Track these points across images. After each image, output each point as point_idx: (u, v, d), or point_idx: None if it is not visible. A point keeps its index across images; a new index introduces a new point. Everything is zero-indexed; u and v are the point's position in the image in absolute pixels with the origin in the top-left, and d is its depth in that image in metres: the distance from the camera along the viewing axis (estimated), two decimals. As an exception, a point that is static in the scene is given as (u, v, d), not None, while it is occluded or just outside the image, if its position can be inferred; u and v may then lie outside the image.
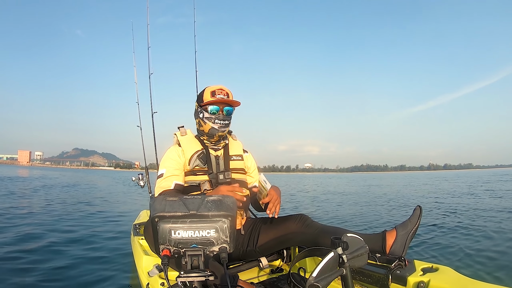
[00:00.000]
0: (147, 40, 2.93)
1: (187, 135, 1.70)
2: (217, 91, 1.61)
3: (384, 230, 1.45)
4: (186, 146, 1.64)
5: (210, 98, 1.60)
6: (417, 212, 1.42)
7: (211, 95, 1.60)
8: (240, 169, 1.69)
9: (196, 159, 1.60)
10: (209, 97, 1.60)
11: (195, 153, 1.61)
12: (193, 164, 1.59)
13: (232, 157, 1.69)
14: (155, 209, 0.84)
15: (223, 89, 1.63)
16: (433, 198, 8.98)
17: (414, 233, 1.39)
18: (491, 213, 5.60)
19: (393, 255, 1.38)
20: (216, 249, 0.85)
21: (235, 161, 1.69)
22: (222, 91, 1.62)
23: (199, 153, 1.61)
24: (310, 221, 1.58)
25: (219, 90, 1.61)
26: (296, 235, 1.54)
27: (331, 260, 0.92)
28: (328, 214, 6.09)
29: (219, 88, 1.62)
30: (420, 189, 13.55)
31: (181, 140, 1.66)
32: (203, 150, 1.63)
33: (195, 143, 1.66)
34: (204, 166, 1.60)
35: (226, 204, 0.86)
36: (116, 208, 6.60)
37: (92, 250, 3.04)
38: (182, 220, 0.83)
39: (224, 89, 1.63)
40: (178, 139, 1.68)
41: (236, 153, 1.72)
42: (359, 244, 1.02)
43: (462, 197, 8.87)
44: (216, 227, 0.84)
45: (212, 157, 1.63)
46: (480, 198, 8.36)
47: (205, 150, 1.64)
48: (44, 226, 4.19)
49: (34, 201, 7.35)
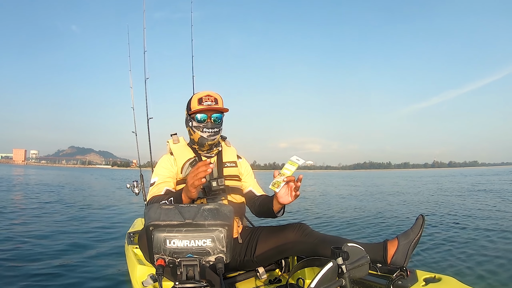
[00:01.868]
0: (143, 44, 2.94)
1: (179, 143, 1.70)
2: (204, 97, 1.58)
3: (386, 240, 1.44)
4: (178, 154, 1.64)
5: (197, 106, 1.58)
6: (419, 222, 1.42)
7: (198, 103, 1.58)
8: (234, 176, 1.69)
9: (188, 167, 1.60)
10: (196, 105, 1.59)
11: (187, 161, 1.61)
12: (185, 172, 1.59)
13: (225, 164, 1.69)
14: (149, 218, 0.83)
15: (210, 95, 1.60)
16: (437, 202, 8.97)
17: (417, 243, 1.39)
18: (498, 219, 5.59)
19: (395, 265, 1.37)
20: (212, 259, 0.85)
21: (229, 168, 1.69)
22: (209, 97, 1.59)
23: (192, 161, 1.61)
24: (309, 230, 1.57)
25: (206, 96, 1.59)
26: (294, 244, 1.53)
27: (330, 270, 0.91)
28: (325, 221, 6.07)
29: (207, 95, 1.60)
30: (424, 189, 13.53)
31: (173, 149, 1.66)
32: (195, 157, 1.63)
33: (187, 151, 1.66)
34: None
35: (223, 213, 0.86)
36: (110, 215, 6.55)
37: (83, 259, 3.00)
38: (178, 229, 0.83)
39: (212, 94, 1.61)
40: (170, 148, 1.68)
41: (229, 160, 1.72)
42: (360, 254, 1.02)
43: (466, 200, 8.86)
44: (213, 236, 0.83)
45: None
46: (485, 202, 8.35)
47: (198, 157, 1.64)
48: (29, 232, 4.15)
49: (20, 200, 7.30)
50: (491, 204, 7.67)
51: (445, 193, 11.77)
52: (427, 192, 12.48)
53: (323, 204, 9.13)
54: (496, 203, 7.95)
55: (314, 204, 9.12)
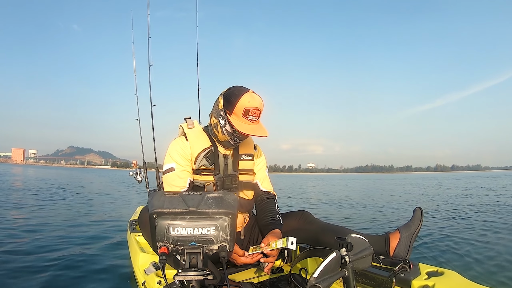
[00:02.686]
0: (147, 30, 2.91)
1: (194, 127, 1.58)
2: (251, 111, 1.41)
3: (387, 232, 1.45)
4: (194, 142, 1.53)
5: (241, 117, 1.42)
6: (418, 214, 1.42)
7: (244, 114, 1.41)
8: (248, 170, 1.62)
9: (203, 158, 1.51)
10: (240, 115, 1.42)
11: (202, 151, 1.51)
12: (199, 163, 1.50)
13: (242, 156, 1.61)
14: (153, 205, 0.84)
15: (258, 109, 1.43)
16: (440, 197, 8.97)
17: (417, 235, 1.40)
18: (503, 215, 5.59)
19: (397, 257, 1.38)
20: (216, 248, 0.85)
21: (244, 161, 1.61)
22: (256, 112, 1.43)
23: (207, 152, 1.52)
24: (312, 218, 1.58)
25: (253, 110, 1.42)
26: (297, 232, 1.54)
27: (333, 260, 0.92)
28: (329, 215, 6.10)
29: (255, 108, 1.42)
30: (427, 188, 13.55)
31: (188, 134, 1.54)
32: (211, 148, 1.53)
33: (203, 139, 1.55)
34: (211, 166, 1.52)
35: (227, 201, 0.86)
36: (112, 203, 6.62)
37: (86, 246, 3.05)
38: (181, 217, 0.83)
39: (259, 108, 1.44)
40: (184, 132, 1.56)
41: (246, 152, 1.63)
42: (364, 245, 1.02)
43: (471, 198, 8.85)
44: (216, 225, 0.84)
45: (220, 156, 1.55)
46: (489, 198, 8.34)
47: (214, 147, 1.54)
48: (34, 223, 4.20)
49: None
50: (498, 200, 7.64)
51: (449, 190, 11.75)
52: (430, 192, 12.47)
53: (323, 200, 9.16)
54: (505, 200, 7.91)
55: (316, 199, 9.15)
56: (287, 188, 14.86)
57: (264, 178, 1.69)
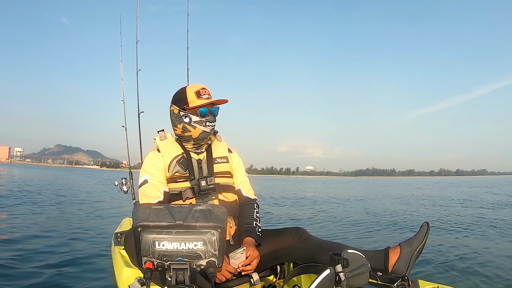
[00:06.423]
0: (136, 33, 2.92)
1: (166, 139, 1.68)
2: (201, 91, 1.59)
3: (387, 247, 1.45)
4: (165, 151, 1.62)
5: (197, 99, 1.57)
6: (424, 229, 1.42)
7: (197, 96, 1.57)
8: (225, 173, 1.68)
9: (175, 164, 1.59)
10: (195, 99, 1.57)
11: (174, 158, 1.60)
12: (172, 171, 1.59)
13: (216, 160, 1.68)
14: (138, 218, 0.83)
15: (205, 88, 1.62)
16: (443, 209, 9.01)
17: (420, 251, 1.40)
18: (506, 229, 5.62)
19: (396, 274, 1.38)
20: (204, 263, 0.84)
21: (219, 164, 1.68)
22: (205, 90, 1.60)
23: (179, 158, 1.61)
24: (307, 235, 1.57)
25: (203, 90, 1.59)
26: (291, 250, 1.54)
27: (327, 278, 0.92)
28: (324, 227, 6.09)
29: (202, 88, 1.60)
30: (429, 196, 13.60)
31: (160, 145, 1.65)
32: (183, 154, 1.63)
33: (175, 148, 1.65)
34: (185, 172, 1.60)
35: (216, 214, 0.86)
36: (95, 214, 6.53)
37: (66, 260, 2.99)
38: (167, 231, 0.82)
39: (206, 87, 1.62)
40: (157, 145, 1.66)
41: (220, 155, 1.71)
42: (361, 261, 1.02)
43: (475, 210, 8.90)
44: (204, 239, 0.83)
45: (193, 161, 1.63)
46: (494, 210, 8.39)
47: (186, 154, 1.63)
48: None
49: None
50: (503, 215, 7.69)
51: (452, 201, 11.82)
52: (432, 200, 12.54)
53: (321, 208, 9.15)
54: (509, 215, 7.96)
55: (312, 208, 9.14)
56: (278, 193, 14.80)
57: (245, 182, 1.77)
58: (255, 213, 1.67)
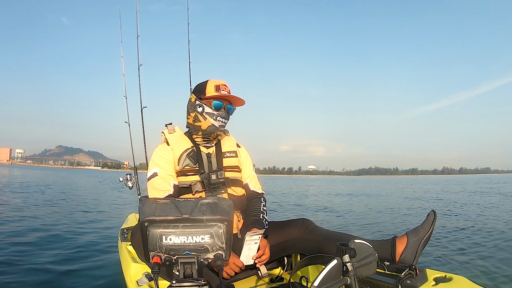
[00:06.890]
0: (136, 28, 2.91)
1: (175, 132, 1.69)
2: (221, 86, 1.60)
3: (394, 236, 1.45)
4: (175, 145, 1.63)
5: (215, 92, 1.58)
6: (430, 218, 1.42)
7: (216, 89, 1.59)
8: (234, 167, 1.70)
9: (185, 158, 1.60)
10: (214, 91, 1.59)
11: (184, 152, 1.61)
12: (182, 164, 1.59)
13: (225, 154, 1.69)
14: (144, 213, 0.83)
15: (226, 85, 1.63)
16: (450, 201, 9.00)
17: (427, 240, 1.40)
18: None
19: (403, 263, 1.38)
20: (211, 256, 0.84)
21: (228, 158, 1.69)
22: (225, 87, 1.62)
23: (189, 152, 1.61)
24: (313, 227, 1.58)
25: (223, 85, 1.61)
26: (298, 241, 1.55)
27: (334, 268, 0.91)
28: (333, 220, 6.10)
29: (223, 84, 1.62)
30: (435, 191, 13.58)
31: (169, 138, 1.66)
32: (193, 148, 1.63)
33: (184, 141, 1.66)
34: (194, 165, 1.60)
35: (222, 207, 0.85)
36: (102, 211, 6.59)
37: (74, 257, 3.03)
38: (174, 225, 0.82)
39: (227, 85, 1.63)
40: (166, 138, 1.67)
41: (229, 150, 1.72)
42: (368, 251, 1.02)
43: (481, 201, 8.88)
44: (211, 232, 0.83)
45: (203, 155, 1.64)
46: (503, 205, 8.37)
47: (196, 147, 1.64)
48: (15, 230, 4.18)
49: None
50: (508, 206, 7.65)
51: (459, 194, 11.79)
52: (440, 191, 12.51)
53: (327, 201, 9.17)
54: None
55: (318, 200, 9.15)
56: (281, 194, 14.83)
57: (253, 176, 1.78)
58: (262, 206, 1.68)
